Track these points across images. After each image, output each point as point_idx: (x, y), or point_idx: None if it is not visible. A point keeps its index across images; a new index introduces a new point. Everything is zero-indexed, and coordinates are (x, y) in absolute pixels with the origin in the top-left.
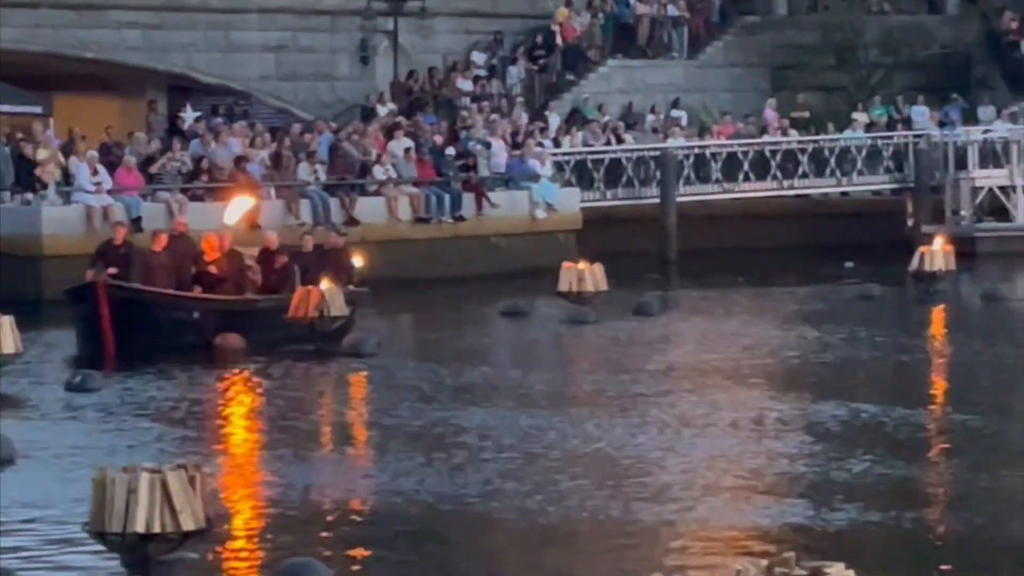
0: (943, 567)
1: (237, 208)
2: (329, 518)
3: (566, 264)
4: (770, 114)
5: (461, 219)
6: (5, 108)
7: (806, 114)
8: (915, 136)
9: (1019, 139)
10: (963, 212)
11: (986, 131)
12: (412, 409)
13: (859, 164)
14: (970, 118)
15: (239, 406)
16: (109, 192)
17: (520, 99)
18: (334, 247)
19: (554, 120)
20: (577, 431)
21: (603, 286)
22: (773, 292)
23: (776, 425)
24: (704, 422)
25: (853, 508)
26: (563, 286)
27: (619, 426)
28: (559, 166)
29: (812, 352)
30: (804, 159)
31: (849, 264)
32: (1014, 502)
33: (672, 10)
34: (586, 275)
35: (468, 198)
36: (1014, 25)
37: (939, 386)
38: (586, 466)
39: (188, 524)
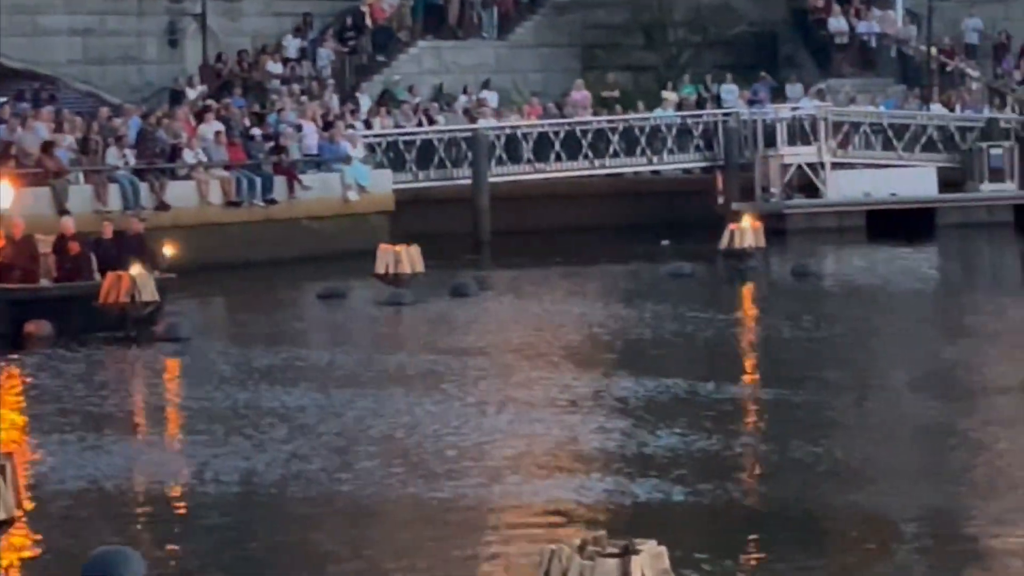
0: (753, 538)
1: (6, 193)
2: (141, 504)
3: (383, 246)
4: (579, 94)
5: (273, 202)
6: None
7: (616, 93)
8: (724, 114)
9: (826, 116)
10: (772, 189)
11: (794, 108)
12: (224, 392)
13: (669, 143)
14: (778, 96)
15: (46, 394)
16: None
17: (331, 81)
18: (136, 233)
19: (365, 102)
20: (389, 411)
21: (420, 268)
22: (588, 271)
23: (589, 401)
24: (519, 400)
25: (664, 483)
26: (380, 268)
27: (433, 405)
28: (371, 148)
29: (625, 329)
30: (615, 138)
31: (666, 242)
32: (822, 473)
33: None
34: (403, 257)
35: (280, 181)
36: (820, 3)
37: (749, 361)
38: (397, 445)
39: None
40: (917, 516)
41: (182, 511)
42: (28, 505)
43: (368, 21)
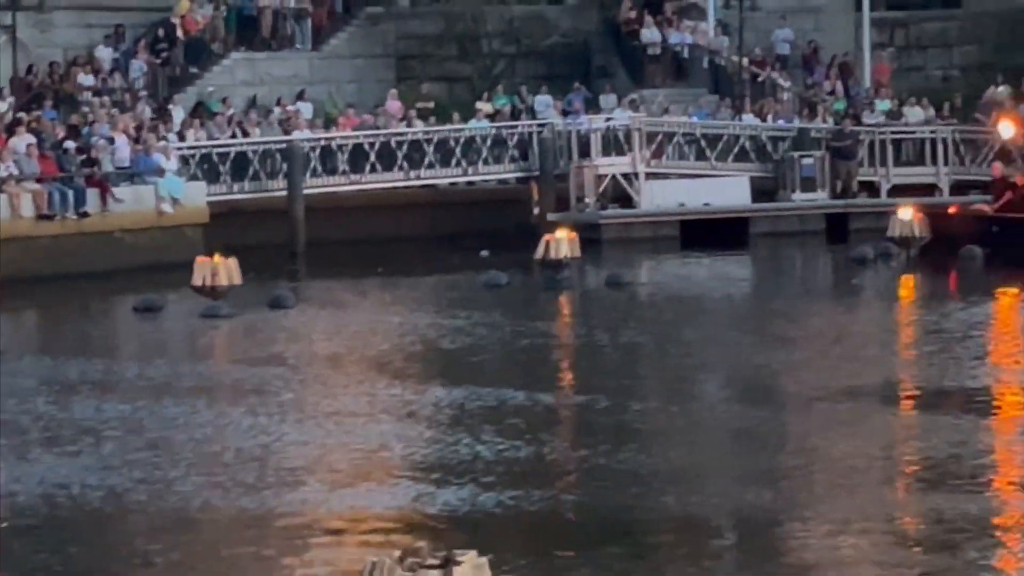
0: (570, 545)
1: None
2: None
3: (199, 258)
4: (394, 104)
5: (86, 215)
6: None
7: (430, 104)
8: (539, 125)
9: (640, 127)
10: (587, 200)
11: (608, 119)
12: (34, 405)
13: (484, 153)
14: (592, 106)
15: None
16: None
17: (143, 93)
18: None
19: (178, 114)
20: (207, 422)
21: (237, 279)
22: (404, 281)
23: (407, 411)
24: (336, 410)
25: (482, 491)
26: (197, 280)
27: (251, 417)
28: (184, 160)
29: (440, 339)
30: (430, 149)
31: (485, 252)
32: (638, 479)
33: (294, 2)
34: (220, 269)
35: (92, 194)
36: (632, 14)
37: (564, 369)
38: (215, 457)
39: None
40: (731, 520)
41: None
42: None
43: (180, 33)
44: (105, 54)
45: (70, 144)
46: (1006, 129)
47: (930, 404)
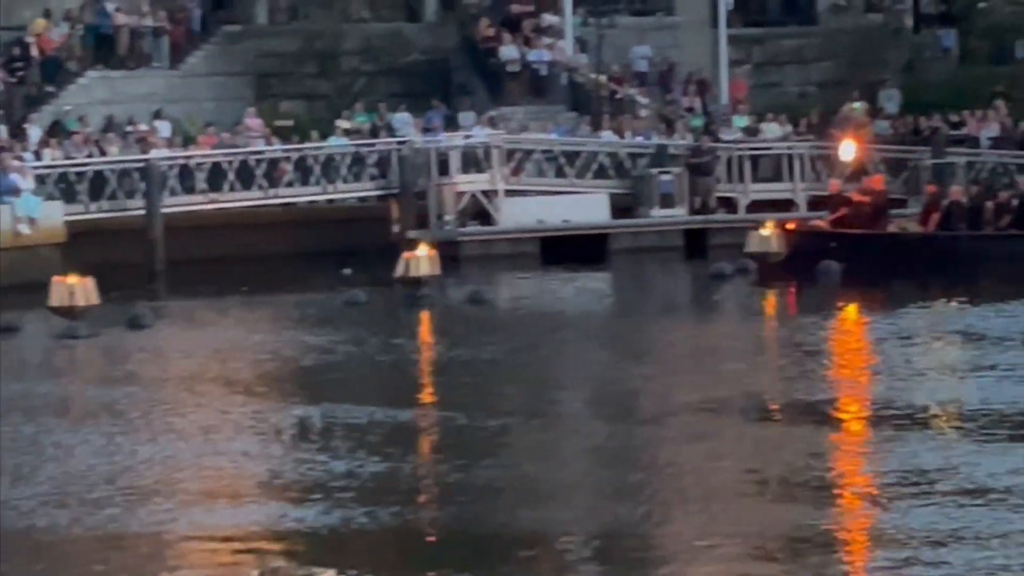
0: (432, 561)
1: None
2: None
3: (56, 278)
4: (253, 122)
5: None
6: None
7: (290, 122)
8: (398, 143)
9: (499, 144)
10: (447, 217)
11: (467, 137)
12: None
13: (344, 171)
14: (451, 124)
15: None
16: None
17: None
18: None
19: (35, 133)
20: (63, 443)
21: (95, 299)
22: (264, 300)
23: (264, 429)
24: (191, 429)
25: (339, 508)
26: (54, 301)
27: (107, 437)
28: (40, 179)
29: (300, 357)
30: (289, 167)
31: (347, 270)
32: (499, 494)
33: (151, 20)
34: (77, 289)
35: None
36: (491, 32)
37: (423, 386)
38: (71, 477)
39: None
40: (590, 534)
41: None
42: None
43: (36, 51)
44: None
45: None
46: (847, 151)
47: (784, 418)
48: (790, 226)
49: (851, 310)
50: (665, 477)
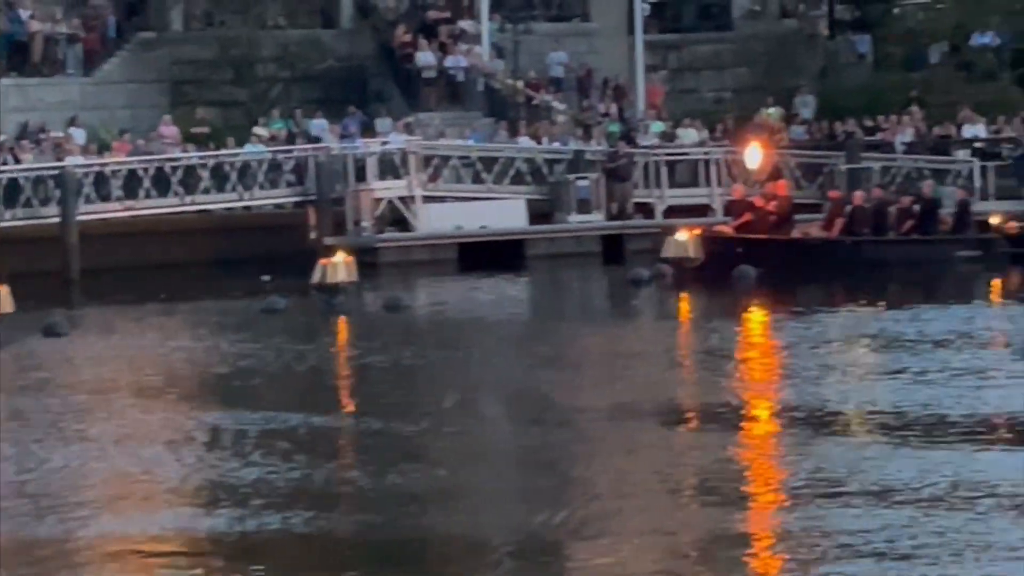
0: (351, 567)
1: None
2: None
3: None
4: (168, 130)
5: None
6: None
7: (206, 129)
8: (315, 149)
9: (416, 150)
10: (364, 224)
11: (384, 143)
12: None
13: (260, 178)
14: (368, 130)
15: None
16: None
17: None
18: None
19: None
20: None
21: (9, 307)
22: (181, 307)
23: (179, 435)
24: (109, 436)
25: (254, 515)
26: None
27: (13, 443)
28: None
29: (217, 364)
30: (205, 174)
31: (267, 277)
32: (418, 500)
33: (66, 27)
34: None
35: None
36: (407, 38)
37: (342, 392)
38: None
39: None
40: (509, 540)
41: None
42: None
43: None
44: None
45: None
46: (752, 157)
47: (697, 421)
48: (696, 231)
49: (764, 315)
50: (581, 481)
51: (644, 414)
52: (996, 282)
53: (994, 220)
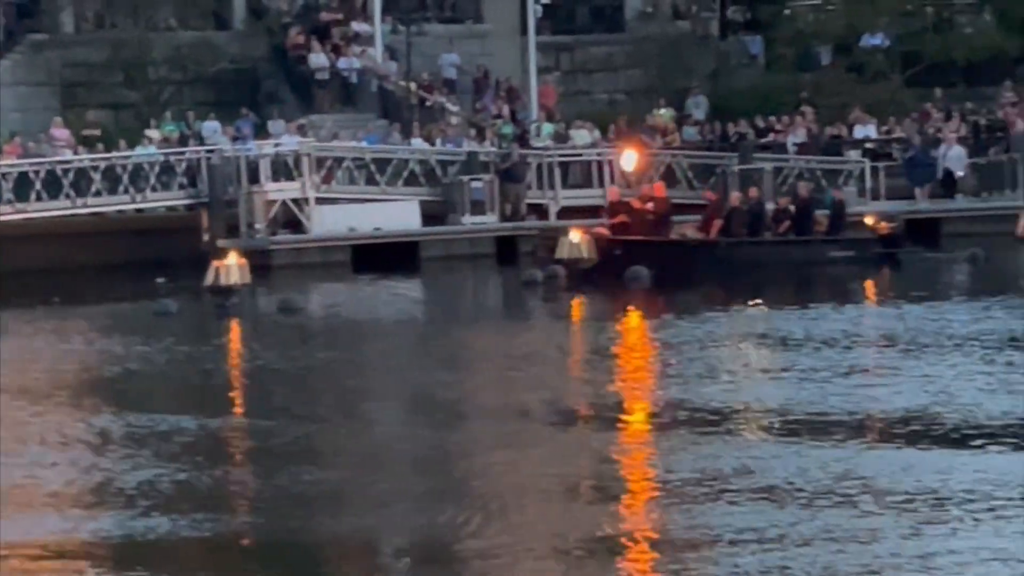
0: (246, 570)
1: None
2: None
3: None
4: (59, 132)
5: None
6: None
7: (97, 132)
8: (208, 151)
9: (309, 152)
10: (257, 226)
11: (277, 145)
12: None
13: (153, 180)
14: (261, 132)
15: None
16: None
17: None
18: None
19: None
20: None
21: None
22: (73, 310)
23: (67, 438)
24: (4, 438)
25: (153, 516)
26: None
27: None
28: None
29: (109, 367)
30: (97, 177)
31: (161, 280)
32: (312, 501)
33: None
34: None
35: None
36: (300, 40)
37: (236, 395)
38: None
39: None
40: (401, 540)
41: None
42: None
43: None
44: None
45: None
46: (628, 160)
47: (587, 421)
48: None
49: (652, 316)
50: (472, 481)
51: (534, 414)
52: (869, 282)
53: (868, 221)
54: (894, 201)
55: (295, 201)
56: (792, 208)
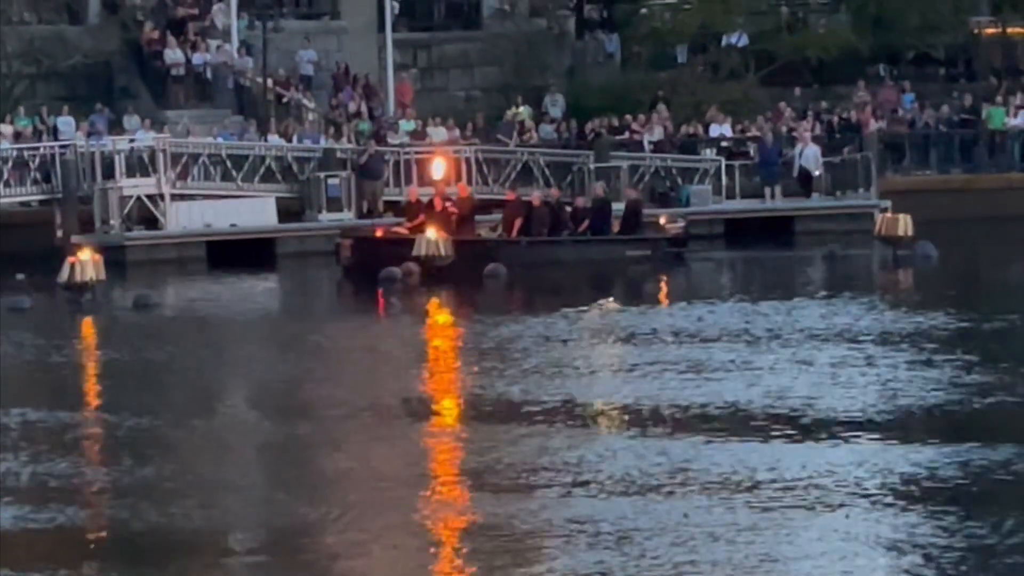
0: (95, 562)
1: None
2: None
3: None
4: None
5: None
6: None
7: None
8: (61, 146)
9: (165, 148)
10: (112, 222)
11: (132, 140)
12: None
13: (6, 175)
14: (116, 128)
15: None
16: None
17: None
18: None
19: None
20: None
21: None
22: None
23: None
24: None
25: (3, 508)
26: None
27: None
28: None
29: None
30: None
31: (21, 276)
32: (164, 493)
33: None
34: None
35: None
36: (155, 35)
37: (87, 390)
38: None
39: None
40: (260, 534)
41: None
42: None
43: None
44: None
45: None
46: (438, 169)
47: (428, 415)
48: (378, 233)
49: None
50: (330, 475)
51: (391, 409)
52: (662, 281)
53: (661, 221)
54: (748, 199)
55: (150, 197)
56: (588, 205)
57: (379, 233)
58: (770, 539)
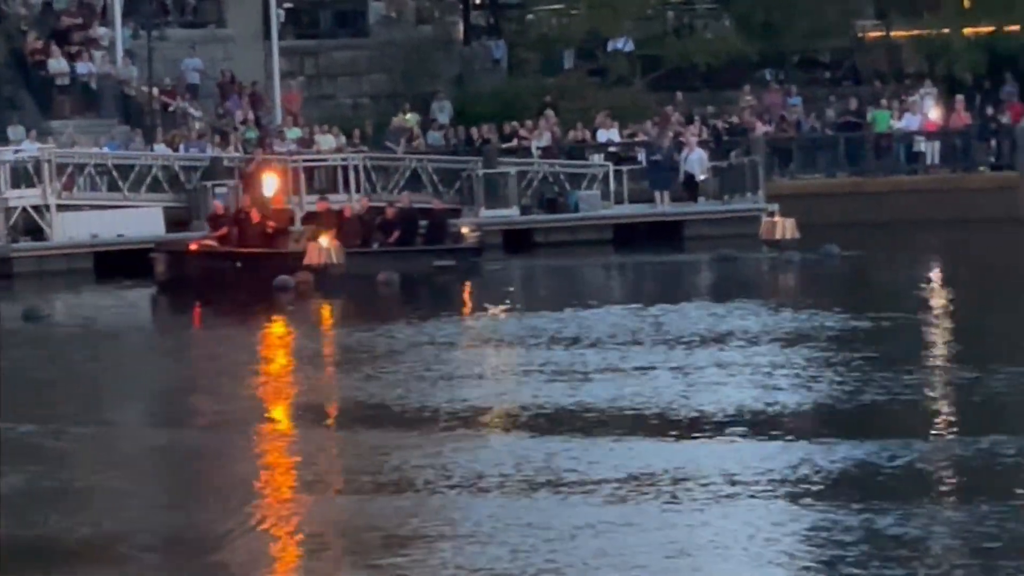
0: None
1: None
2: None
3: None
4: None
5: None
6: None
7: None
8: None
9: (50, 158)
10: None
11: (17, 151)
12: None
13: None
14: (0, 138)
15: None
16: None
17: None
18: None
19: None
20: None
21: None
22: None
23: None
24: None
25: None
26: None
27: None
28: None
29: None
30: None
31: None
32: (51, 504)
33: None
34: None
35: None
36: (39, 45)
37: None
38: None
39: None
40: (144, 539)
41: None
42: None
43: None
44: None
45: None
46: (270, 185)
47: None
48: (193, 247)
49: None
50: (227, 482)
51: (267, 417)
52: (466, 290)
53: (464, 231)
54: (637, 204)
55: (36, 208)
56: (391, 212)
57: (194, 247)
58: (660, 534)
